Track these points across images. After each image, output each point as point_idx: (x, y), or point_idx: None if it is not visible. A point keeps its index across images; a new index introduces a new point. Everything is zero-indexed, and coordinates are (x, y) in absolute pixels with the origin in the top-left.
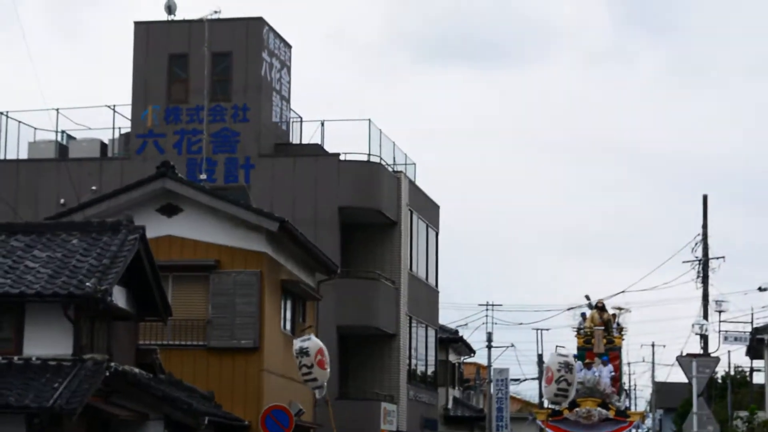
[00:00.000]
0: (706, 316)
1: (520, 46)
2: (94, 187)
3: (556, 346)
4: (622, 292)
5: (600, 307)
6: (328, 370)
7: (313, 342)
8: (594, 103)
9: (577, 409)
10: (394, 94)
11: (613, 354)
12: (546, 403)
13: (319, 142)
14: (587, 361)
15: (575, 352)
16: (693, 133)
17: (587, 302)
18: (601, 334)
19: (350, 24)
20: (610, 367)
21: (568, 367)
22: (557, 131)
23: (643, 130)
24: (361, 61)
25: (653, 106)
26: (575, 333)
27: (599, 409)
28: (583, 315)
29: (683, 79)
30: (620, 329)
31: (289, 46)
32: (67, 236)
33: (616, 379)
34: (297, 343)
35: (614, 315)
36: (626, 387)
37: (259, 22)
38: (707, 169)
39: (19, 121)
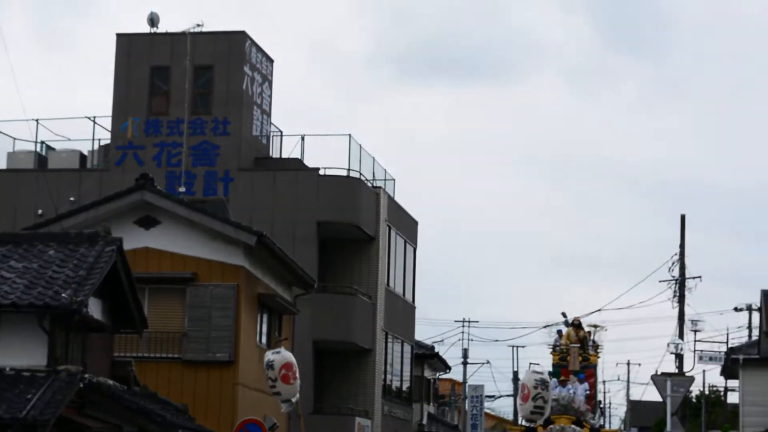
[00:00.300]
0: (681, 336)
1: (504, 63)
2: (72, 198)
3: (530, 363)
4: (599, 310)
5: (576, 325)
6: (296, 384)
7: (281, 356)
8: (576, 121)
9: (551, 426)
10: (375, 110)
11: (588, 371)
12: (521, 421)
13: (299, 157)
14: (562, 378)
15: (551, 369)
16: (672, 152)
17: (563, 319)
18: (576, 351)
19: (334, 38)
20: (585, 384)
21: (544, 384)
22: (538, 148)
23: (623, 148)
24: (344, 76)
25: (634, 125)
26: (551, 350)
27: (573, 426)
28: (559, 332)
29: (664, 98)
30: (596, 347)
31: (271, 60)
32: (44, 247)
33: (591, 397)
34: (267, 356)
35: (590, 332)
36: (602, 405)
37: (242, 36)
38: (686, 189)
39: None
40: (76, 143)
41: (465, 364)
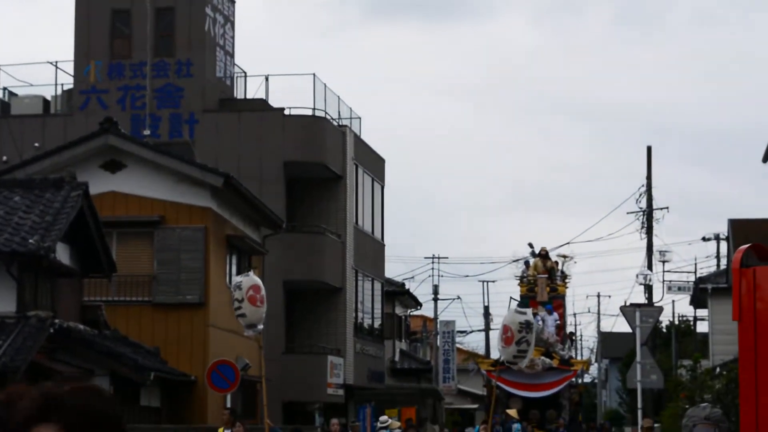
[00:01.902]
0: (650, 267)
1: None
2: (36, 144)
3: (510, 298)
4: (568, 243)
5: (543, 255)
6: (262, 310)
7: (249, 278)
8: (542, 56)
9: None
10: (341, 49)
11: (556, 302)
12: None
13: (264, 97)
14: (531, 309)
15: (518, 300)
16: (639, 83)
17: (530, 250)
18: (544, 282)
19: None
20: (554, 315)
21: (528, 327)
22: (504, 84)
23: (589, 81)
24: (309, 14)
25: (601, 59)
26: (518, 281)
27: (543, 358)
28: (527, 263)
29: (631, 29)
30: (564, 277)
31: (233, 1)
32: (9, 193)
33: (560, 328)
34: (235, 278)
35: (558, 263)
36: (573, 336)
37: None
38: (653, 120)
39: None
40: (38, 89)
41: (435, 300)
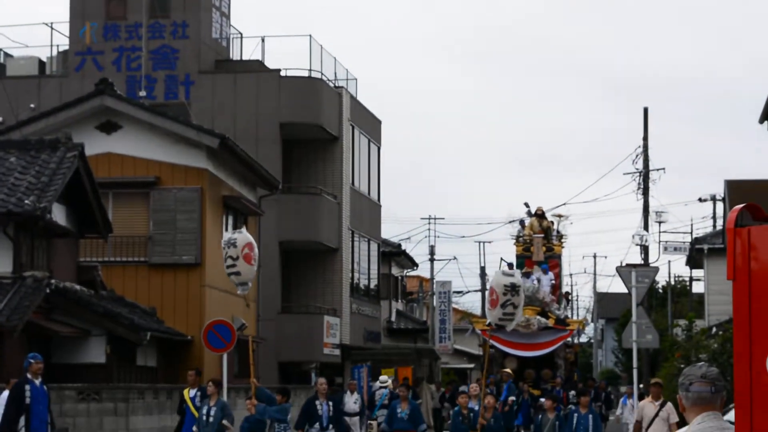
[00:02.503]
0: (646, 227)
1: None
2: (32, 105)
3: (501, 259)
4: (564, 204)
5: (539, 215)
6: (254, 268)
7: (243, 235)
8: (540, 13)
9: None
10: (337, 11)
11: (552, 262)
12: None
13: (260, 59)
14: (526, 269)
15: (514, 260)
16: (637, 43)
17: (526, 210)
18: (540, 241)
19: None
20: (550, 275)
21: (514, 289)
22: (503, 44)
23: (587, 40)
24: None
25: (599, 16)
26: (514, 241)
27: (538, 317)
28: (522, 223)
29: None
30: (560, 237)
31: None
32: (4, 154)
33: (556, 287)
34: (226, 235)
35: (554, 222)
36: (570, 295)
37: None
38: (650, 81)
39: None
40: (34, 50)
41: (432, 260)
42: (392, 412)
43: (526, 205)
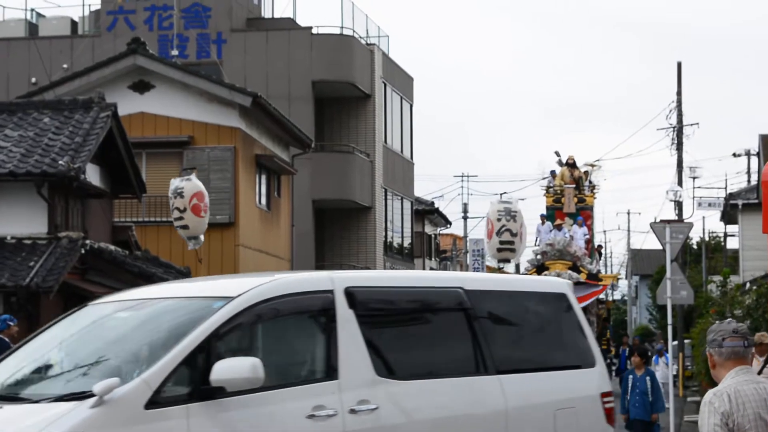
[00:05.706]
0: (680, 183)
1: None
2: (65, 65)
3: (500, 194)
4: (598, 160)
5: (570, 164)
6: (205, 219)
7: (192, 183)
8: None
9: (546, 272)
10: None
11: (584, 213)
12: (493, 263)
13: (292, 16)
14: (557, 221)
15: (545, 212)
16: None
17: (557, 159)
18: (571, 192)
19: None
20: (584, 229)
21: (509, 214)
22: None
23: None
24: None
25: None
26: (544, 192)
27: (570, 272)
28: (552, 172)
29: None
30: (592, 187)
31: None
32: (38, 115)
33: (588, 241)
34: (173, 182)
35: (586, 173)
36: (601, 249)
37: None
38: (683, 36)
39: None
40: (66, 9)
41: (465, 218)
42: None
43: (557, 153)
